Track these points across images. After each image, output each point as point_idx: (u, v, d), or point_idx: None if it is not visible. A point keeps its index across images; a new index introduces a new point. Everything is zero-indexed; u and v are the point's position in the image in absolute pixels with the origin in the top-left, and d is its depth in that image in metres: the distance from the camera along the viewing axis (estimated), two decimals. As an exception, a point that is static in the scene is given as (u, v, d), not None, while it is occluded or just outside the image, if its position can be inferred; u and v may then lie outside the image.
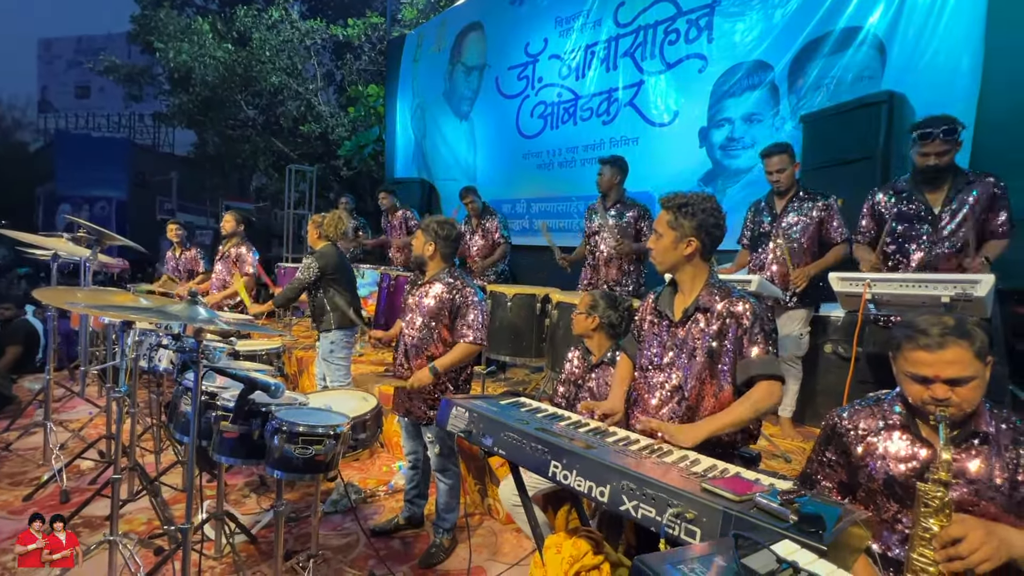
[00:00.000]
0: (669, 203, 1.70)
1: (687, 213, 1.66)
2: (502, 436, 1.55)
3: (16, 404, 4.34)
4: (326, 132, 11.70)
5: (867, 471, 1.37)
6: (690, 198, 1.68)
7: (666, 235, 1.69)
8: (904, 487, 1.31)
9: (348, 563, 2.44)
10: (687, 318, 1.68)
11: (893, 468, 1.33)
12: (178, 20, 12.04)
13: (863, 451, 1.38)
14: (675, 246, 1.68)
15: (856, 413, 1.43)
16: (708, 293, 1.67)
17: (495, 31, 6.34)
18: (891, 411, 1.39)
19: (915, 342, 1.27)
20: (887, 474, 1.34)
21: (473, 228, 4.75)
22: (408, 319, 2.52)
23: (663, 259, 1.73)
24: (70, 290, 2.52)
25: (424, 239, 2.50)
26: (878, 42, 3.47)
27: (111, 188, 19.21)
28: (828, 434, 1.46)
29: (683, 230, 1.66)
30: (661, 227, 1.71)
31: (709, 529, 1.08)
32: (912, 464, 1.32)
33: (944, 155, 2.27)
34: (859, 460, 1.38)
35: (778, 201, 2.98)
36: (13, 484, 3.10)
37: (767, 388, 1.58)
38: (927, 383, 1.25)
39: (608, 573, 1.58)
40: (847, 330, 2.89)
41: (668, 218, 1.69)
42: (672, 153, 4.61)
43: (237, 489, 3.12)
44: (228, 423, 1.84)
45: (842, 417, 1.44)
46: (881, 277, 2.10)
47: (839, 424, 1.44)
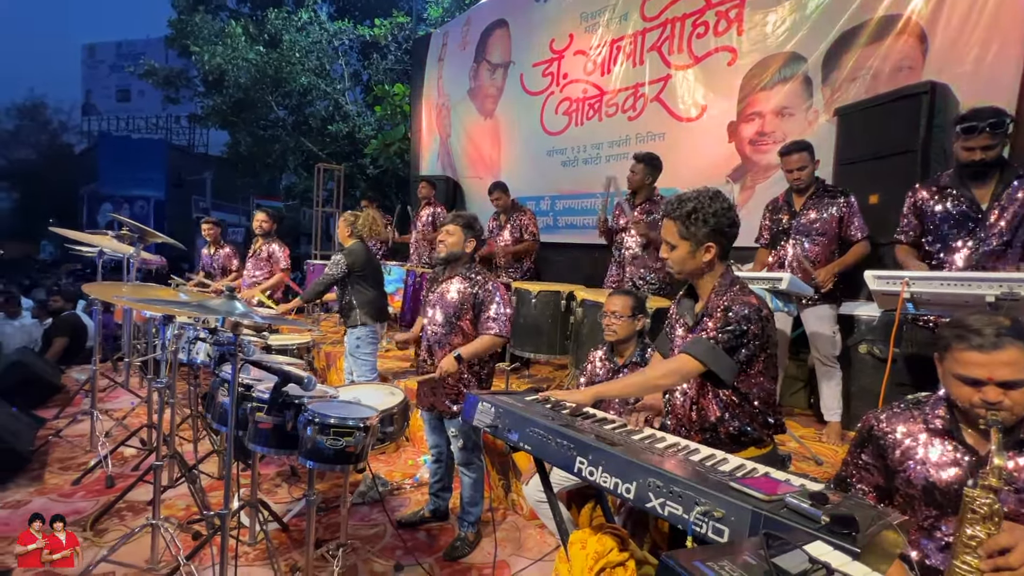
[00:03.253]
0: (675, 212, 1.61)
1: (697, 220, 1.58)
2: (528, 431, 1.56)
3: (64, 393, 4.59)
4: (353, 131, 11.91)
5: (904, 476, 1.33)
6: (696, 202, 1.58)
7: (680, 245, 1.62)
8: (944, 493, 1.27)
9: (376, 553, 2.50)
10: (697, 323, 1.66)
11: (933, 474, 1.29)
12: (212, 24, 12.43)
13: (901, 455, 1.34)
14: (693, 255, 1.61)
15: (894, 416, 1.39)
16: (715, 295, 1.63)
17: (520, 28, 6.33)
18: (933, 415, 1.34)
19: (967, 342, 1.21)
20: (927, 480, 1.30)
21: (501, 224, 4.76)
22: (430, 315, 2.54)
23: (682, 269, 1.66)
24: (116, 285, 2.64)
25: (463, 235, 2.48)
26: (919, 30, 3.34)
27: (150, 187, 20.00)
28: (864, 437, 1.43)
29: (697, 238, 1.59)
30: (672, 238, 1.63)
31: (738, 528, 1.07)
32: (954, 471, 1.27)
33: (990, 149, 2.16)
34: (896, 464, 1.35)
35: (797, 199, 2.91)
36: (63, 468, 3.28)
37: (668, 362, 1.60)
38: (978, 385, 1.20)
39: (633, 570, 1.58)
40: (883, 330, 2.80)
41: (678, 228, 1.60)
42: (700, 148, 4.53)
43: (269, 479, 3.22)
44: (263, 414, 1.90)
45: (879, 420, 1.41)
46: (921, 275, 2.02)
47: (876, 427, 1.40)
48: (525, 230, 4.64)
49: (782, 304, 2.65)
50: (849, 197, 2.80)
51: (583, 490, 2.43)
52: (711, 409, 1.64)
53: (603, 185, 3.86)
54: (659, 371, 1.63)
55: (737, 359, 1.54)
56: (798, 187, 2.89)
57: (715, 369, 1.52)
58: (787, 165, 2.87)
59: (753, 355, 1.56)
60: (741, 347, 1.53)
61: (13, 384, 4.11)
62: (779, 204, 3.01)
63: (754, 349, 1.55)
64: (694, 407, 1.68)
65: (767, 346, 1.59)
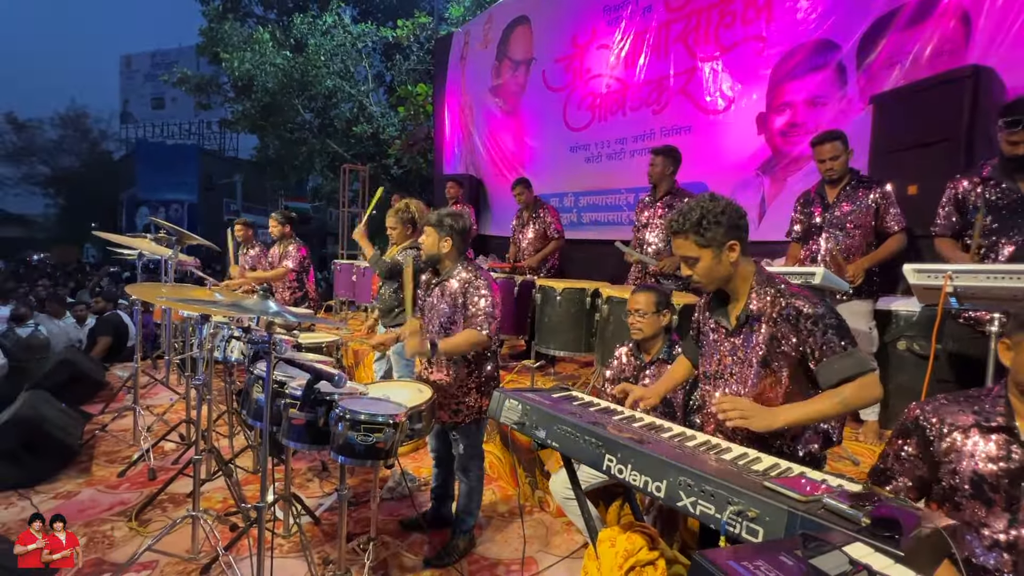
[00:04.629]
0: (683, 227, 1.54)
1: (709, 224, 1.51)
2: (555, 429, 1.56)
3: (108, 390, 4.80)
4: (377, 132, 12.08)
5: (950, 467, 1.29)
6: (700, 209, 1.52)
7: (702, 256, 1.54)
8: (995, 488, 1.22)
9: (405, 547, 2.54)
10: (740, 325, 1.58)
11: (983, 467, 1.24)
12: (241, 31, 12.78)
13: (947, 447, 1.30)
14: (719, 261, 1.53)
15: (942, 407, 1.34)
16: (758, 296, 1.55)
17: (542, 24, 6.30)
18: (992, 411, 1.29)
19: None
20: (975, 473, 1.25)
21: (524, 221, 4.76)
22: (428, 323, 2.43)
23: (712, 279, 1.57)
24: (155, 286, 2.75)
25: (438, 235, 2.33)
26: (962, 11, 3.18)
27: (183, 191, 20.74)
28: (908, 427, 1.38)
29: (717, 241, 1.52)
30: (690, 252, 1.55)
31: (773, 529, 1.05)
32: (1006, 465, 1.22)
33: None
34: (942, 456, 1.30)
35: (830, 191, 2.80)
36: (109, 461, 3.44)
37: (858, 383, 1.43)
38: None
39: (663, 569, 1.57)
40: (923, 326, 2.69)
41: (694, 240, 1.53)
42: (728, 141, 4.43)
43: (301, 474, 3.31)
44: (296, 410, 1.95)
45: (925, 410, 1.36)
46: (964, 268, 1.93)
47: (922, 417, 1.35)
48: (549, 227, 4.62)
49: (816, 300, 2.58)
50: (885, 187, 2.69)
51: (611, 488, 2.42)
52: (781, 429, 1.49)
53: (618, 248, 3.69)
54: (850, 391, 1.42)
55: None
56: (831, 178, 2.79)
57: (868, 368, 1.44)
58: (819, 155, 2.78)
59: None
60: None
61: (62, 381, 4.32)
62: (811, 197, 2.91)
63: None
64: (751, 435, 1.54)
65: None
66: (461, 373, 2.37)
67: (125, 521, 2.69)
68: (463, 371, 2.37)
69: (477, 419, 2.41)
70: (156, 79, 27.02)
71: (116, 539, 2.55)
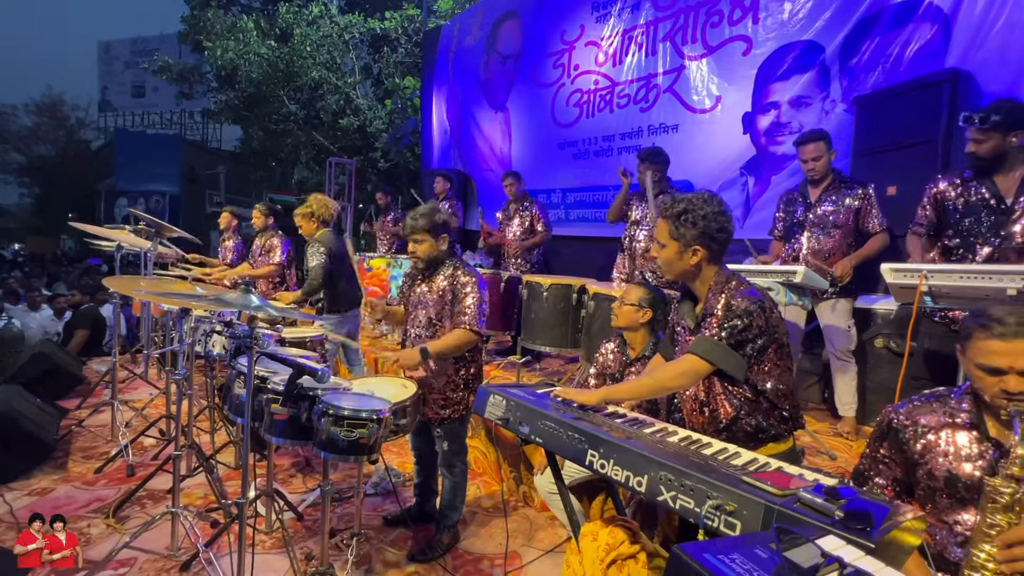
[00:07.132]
0: (668, 212, 1.62)
1: (687, 222, 1.57)
2: (539, 424, 1.57)
3: (85, 384, 4.70)
4: (364, 125, 11.93)
5: (926, 468, 1.32)
6: (690, 204, 1.58)
7: (669, 245, 1.62)
8: (968, 487, 1.26)
9: (388, 543, 2.53)
10: (697, 324, 1.64)
11: (956, 467, 1.28)
12: (224, 19, 12.50)
13: (922, 448, 1.33)
14: (680, 256, 1.61)
15: (915, 409, 1.38)
16: (712, 293, 1.61)
17: (530, 19, 6.28)
18: (958, 408, 1.33)
19: (989, 331, 1.21)
20: (949, 472, 1.29)
21: (510, 215, 4.76)
22: (412, 316, 2.44)
23: (669, 269, 1.66)
24: (134, 279, 2.69)
25: (432, 238, 2.33)
26: (941, 15, 3.25)
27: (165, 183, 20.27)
28: (883, 430, 1.42)
29: (685, 240, 1.58)
30: (663, 237, 1.64)
31: (750, 522, 1.07)
32: (978, 463, 1.26)
33: (980, 144, 2.12)
34: (917, 457, 1.34)
35: (812, 190, 2.86)
36: (86, 458, 3.37)
37: (676, 364, 1.56)
38: (1000, 375, 1.20)
39: (644, 562, 1.58)
40: (899, 324, 2.76)
41: (669, 228, 1.61)
42: (714, 140, 4.47)
43: (284, 469, 3.28)
44: (278, 406, 1.93)
45: (899, 412, 1.39)
46: (939, 268, 1.98)
47: (896, 420, 1.39)
48: (537, 220, 4.64)
49: (796, 298, 2.62)
50: (867, 188, 2.74)
51: (594, 482, 2.44)
52: (724, 409, 1.62)
53: (619, 173, 3.78)
54: (668, 373, 1.60)
55: (744, 353, 1.51)
56: (814, 178, 2.83)
57: (724, 367, 1.50)
58: (802, 155, 2.82)
59: (763, 347, 1.54)
60: (747, 341, 1.51)
61: (36, 375, 4.21)
62: (794, 196, 2.96)
63: (764, 341, 1.53)
64: (704, 408, 1.67)
65: (776, 336, 1.56)
66: (448, 368, 2.37)
67: (102, 518, 2.64)
68: (450, 367, 2.37)
69: (462, 415, 2.41)
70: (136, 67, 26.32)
71: (93, 536, 2.51)
